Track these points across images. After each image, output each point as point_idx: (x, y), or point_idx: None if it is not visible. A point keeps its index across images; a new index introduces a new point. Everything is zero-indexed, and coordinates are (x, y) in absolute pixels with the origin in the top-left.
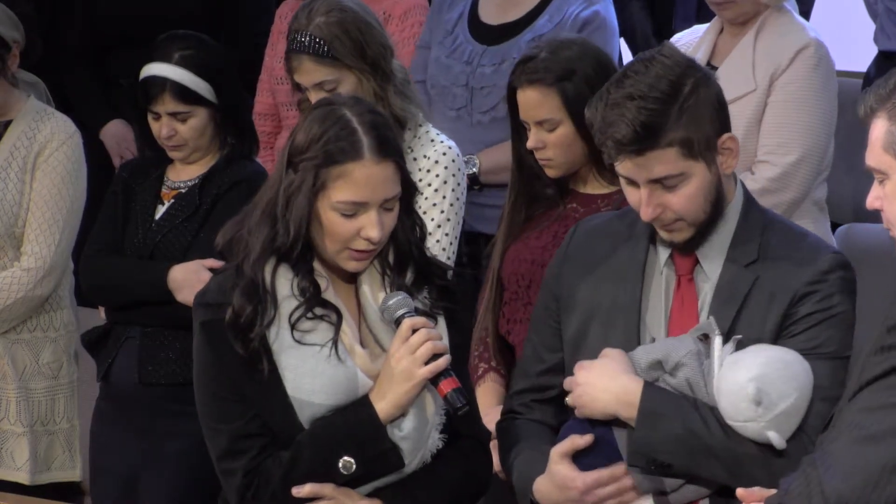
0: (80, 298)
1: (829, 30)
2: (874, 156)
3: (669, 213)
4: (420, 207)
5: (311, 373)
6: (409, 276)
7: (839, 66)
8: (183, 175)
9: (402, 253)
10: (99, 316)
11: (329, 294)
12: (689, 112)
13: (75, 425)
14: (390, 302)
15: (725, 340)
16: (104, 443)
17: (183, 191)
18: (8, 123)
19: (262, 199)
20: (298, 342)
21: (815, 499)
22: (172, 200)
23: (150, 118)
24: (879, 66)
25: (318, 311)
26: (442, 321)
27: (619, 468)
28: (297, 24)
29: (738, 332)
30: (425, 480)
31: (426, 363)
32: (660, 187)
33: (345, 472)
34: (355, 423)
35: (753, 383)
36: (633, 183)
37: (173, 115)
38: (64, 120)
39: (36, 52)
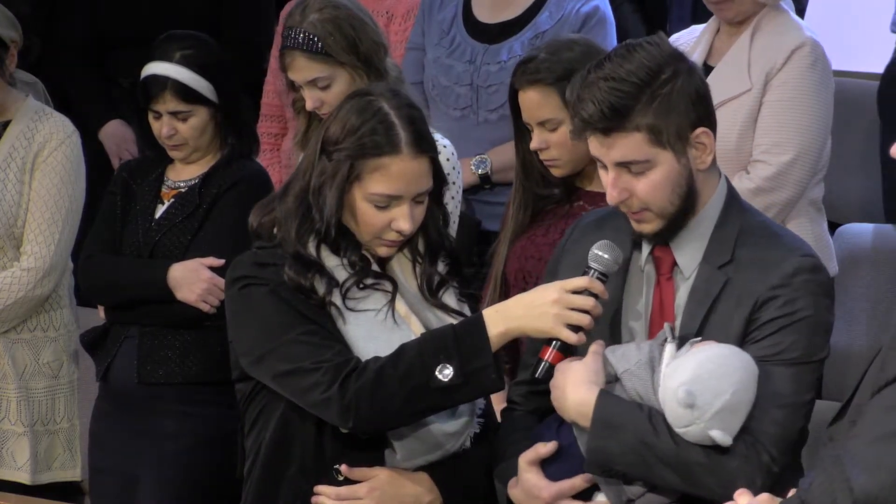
0: (80, 298)
1: (835, 30)
2: None
3: (635, 201)
4: None
5: (365, 336)
6: (442, 266)
7: (847, 67)
8: (183, 174)
9: (433, 243)
10: (98, 315)
11: (377, 269)
12: (661, 100)
13: (76, 425)
14: (605, 255)
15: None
16: (103, 443)
17: (183, 190)
18: (6, 124)
19: (295, 186)
20: (351, 309)
21: (840, 496)
22: (172, 200)
23: (150, 117)
24: None
25: (369, 280)
26: (467, 308)
27: (579, 480)
28: (291, 20)
29: (708, 335)
30: (467, 461)
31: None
32: (626, 171)
33: (442, 379)
34: (463, 333)
35: (683, 387)
36: (604, 165)
37: (174, 114)
38: (62, 120)
39: (34, 52)
